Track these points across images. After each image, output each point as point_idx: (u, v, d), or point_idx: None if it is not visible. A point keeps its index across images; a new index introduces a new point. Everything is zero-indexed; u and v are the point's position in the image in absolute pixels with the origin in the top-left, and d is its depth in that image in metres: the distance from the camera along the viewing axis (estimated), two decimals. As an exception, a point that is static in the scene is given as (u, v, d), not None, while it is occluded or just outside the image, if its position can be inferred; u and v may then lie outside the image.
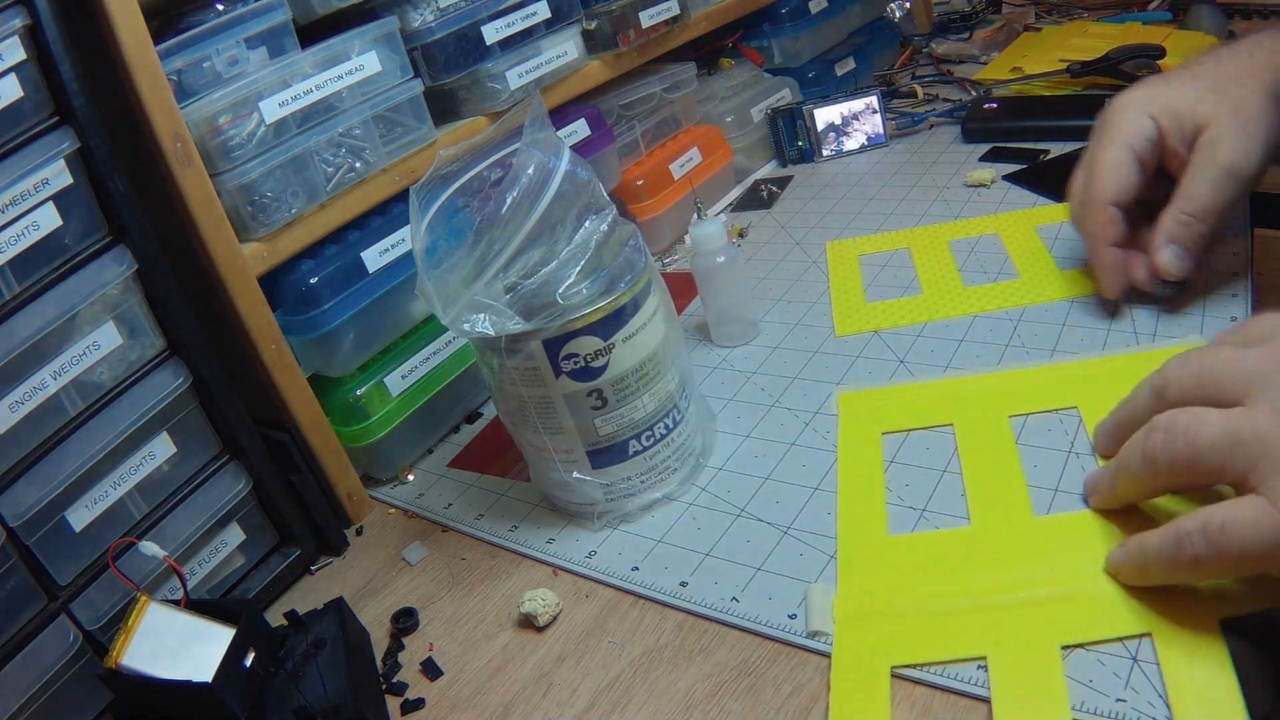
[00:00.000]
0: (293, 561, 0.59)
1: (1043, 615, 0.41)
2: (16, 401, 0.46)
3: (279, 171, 0.59)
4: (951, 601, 0.43)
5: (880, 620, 0.44)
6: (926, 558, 0.46)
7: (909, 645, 0.42)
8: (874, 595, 0.45)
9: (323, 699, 0.45)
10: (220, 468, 0.56)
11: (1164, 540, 0.38)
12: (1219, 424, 0.37)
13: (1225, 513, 0.36)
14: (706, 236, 0.66)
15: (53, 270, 0.48)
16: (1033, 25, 1.22)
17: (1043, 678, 0.38)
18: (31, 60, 0.47)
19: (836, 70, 1.09)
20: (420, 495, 0.65)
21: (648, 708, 0.44)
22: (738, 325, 0.70)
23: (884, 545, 0.48)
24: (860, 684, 0.41)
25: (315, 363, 0.63)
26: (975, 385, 0.57)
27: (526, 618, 0.50)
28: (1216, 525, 0.36)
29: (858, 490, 0.52)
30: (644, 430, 0.53)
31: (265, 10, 0.59)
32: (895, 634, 0.43)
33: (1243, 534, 0.35)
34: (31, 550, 0.47)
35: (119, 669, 0.43)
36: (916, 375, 0.60)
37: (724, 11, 0.96)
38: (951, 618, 0.42)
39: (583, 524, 0.56)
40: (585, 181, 0.51)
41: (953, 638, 0.42)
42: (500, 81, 0.72)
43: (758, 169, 1.03)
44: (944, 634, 0.42)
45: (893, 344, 0.64)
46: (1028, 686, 0.38)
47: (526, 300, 0.49)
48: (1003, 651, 0.40)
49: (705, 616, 0.48)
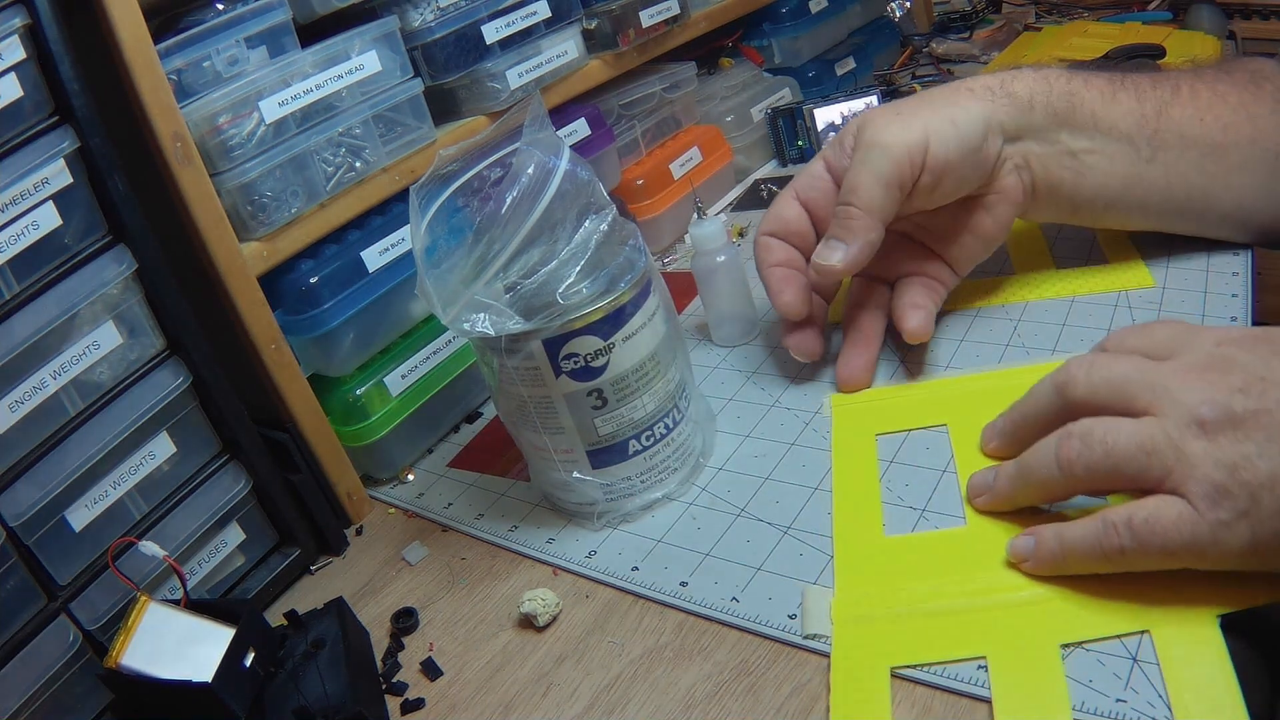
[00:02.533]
0: (293, 561, 0.59)
1: (1040, 614, 0.41)
2: (16, 401, 0.46)
3: (279, 171, 0.59)
4: (950, 602, 0.43)
5: (879, 622, 0.43)
6: (923, 558, 0.46)
7: (908, 646, 0.42)
8: (872, 597, 0.45)
9: (323, 699, 0.45)
10: (220, 468, 0.56)
11: (1088, 531, 0.40)
12: (1134, 434, 0.39)
13: (1150, 509, 0.38)
14: (706, 236, 0.66)
15: (53, 270, 0.48)
16: (1033, 25, 1.22)
17: (1043, 677, 0.38)
18: (31, 60, 0.47)
19: (836, 70, 1.09)
20: (420, 495, 0.65)
21: (648, 708, 0.44)
22: (738, 325, 0.70)
23: (881, 547, 0.48)
24: (860, 686, 0.41)
25: (315, 363, 0.63)
26: (968, 385, 0.57)
27: (526, 618, 0.50)
28: (1141, 520, 0.38)
29: (853, 492, 0.52)
30: (644, 430, 0.53)
31: (265, 10, 0.59)
32: (894, 635, 0.43)
33: (1166, 530, 0.37)
34: (31, 550, 0.47)
35: (119, 669, 0.43)
36: (916, 376, 0.60)
37: (724, 11, 0.96)
38: (950, 618, 0.42)
39: (583, 524, 0.56)
40: (585, 181, 0.51)
41: (952, 638, 0.41)
42: (500, 81, 0.72)
43: (758, 169, 1.03)
44: (943, 634, 0.42)
45: (891, 343, 0.64)
46: (1028, 686, 0.38)
47: (526, 300, 0.49)
48: (1002, 651, 0.40)
49: (705, 616, 0.48)
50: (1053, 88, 0.56)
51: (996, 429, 0.49)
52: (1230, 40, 1.09)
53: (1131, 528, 0.38)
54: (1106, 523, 0.39)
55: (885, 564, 0.47)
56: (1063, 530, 0.41)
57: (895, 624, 0.43)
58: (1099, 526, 0.39)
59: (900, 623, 0.43)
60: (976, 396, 0.56)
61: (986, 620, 0.42)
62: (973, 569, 0.44)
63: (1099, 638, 0.40)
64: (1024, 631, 0.40)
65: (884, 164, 0.54)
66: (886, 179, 0.54)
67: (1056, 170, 0.57)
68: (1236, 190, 0.57)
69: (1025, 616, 0.41)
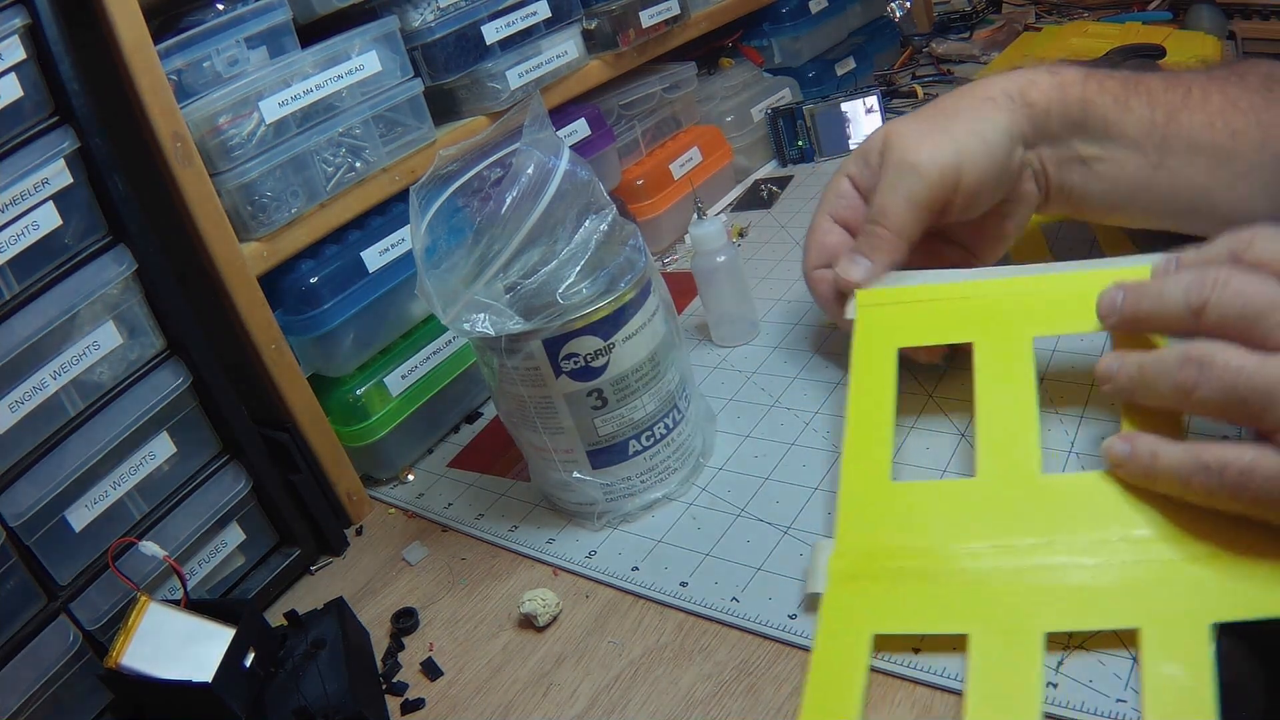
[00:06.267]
0: (293, 561, 0.59)
1: (1031, 595, 0.40)
2: (16, 401, 0.46)
3: (279, 171, 0.59)
4: (943, 566, 0.43)
5: (870, 580, 0.43)
6: (926, 513, 0.46)
7: (894, 613, 0.42)
8: (869, 554, 0.45)
9: (323, 699, 0.45)
10: (220, 468, 0.56)
11: (1181, 464, 0.39)
12: (1257, 375, 0.37)
13: (1250, 459, 0.37)
14: (706, 236, 0.66)
15: (53, 270, 0.48)
16: (1033, 25, 1.22)
17: (1020, 667, 0.38)
18: (31, 60, 0.47)
19: (836, 70, 1.09)
20: (420, 495, 0.65)
21: (648, 708, 0.44)
22: (738, 325, 0.70)
23: (886, 493, 0.47)
24: (842, 649, 0.41)
25: (315, 363, 0.63)
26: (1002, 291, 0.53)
27: (526, 618, 0.50)
28: (1237, 471, 0.37)
29: (867, 420, 0.50)
30: (644, 430, 0.53)
31: (265, 10, 0.59)
32: (882, 599, 0.43)
33: (1260, 484, 0.37)
34: (31, 550, 0.47)
35: (119, 669, 0.43)
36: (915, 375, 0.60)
37: (724, 11, 0.96)
38: (940, 587, 0.42)
39: (583, 524, 0.56)
40: (585, 181, 0.51)
41: (939, 610, 0.41)
42: (500, 81, 0.72)
43: (758, 169, 1.03)
44: (931, 604, 0.42)
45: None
46: (1004, 675, 0.38)
47: (526, 300, 0.49)
48: (985, 632, 0.40)
49: (705, 616, 0.48)
50: (1068, 95, 0.56)
51: (1117, 309, 0.45)
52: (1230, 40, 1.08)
53: (1224, 475, 0.37)
54: (1200, 462, 0.38)
55: (888, 514, 0.46)
56: (1158, 451, 0.40)
57: (885, 584, 0.43)
58: (1194, 464, 0.39)
59: (891, 586, 0.43)
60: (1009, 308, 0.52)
61: (976, 594, 0.41)
62: (973, 526, 0.44)
63: (1085, 630, 0.39)
64: (1011, 612, 0.40)
65: (918, 188, 0.54)
66: (919, 203, 0.54)
67: (1068, 174, 0.57)
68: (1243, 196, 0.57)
69: (1014, 593, 0.41)
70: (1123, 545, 0.41)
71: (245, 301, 0.57)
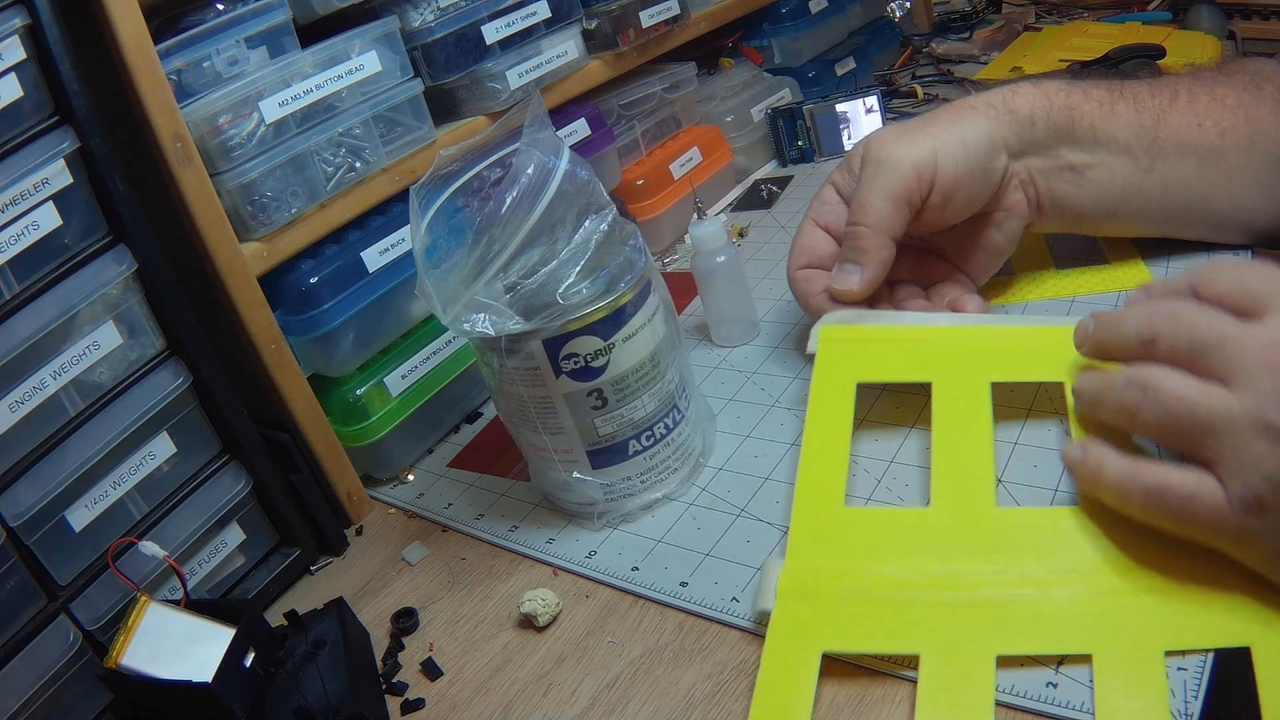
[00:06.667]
0: (293, 561, 0.59)
1: (983, 618, 0.40)
2: (16, 401, 0.46)
3: (279, 171, 0.59)
4: (894, 591, 0.43)
5: (821, 600, 0.43)
6: (878, 538, 0.46)
7: (844, 633, 0.42)
8: (819, 574, 0.45)
9: (323, 699, 0.45)
10: (220, 468, 0.56)
11: (1122, 479, 0.40)
12: (1199, 405, 0.37)
13: (1190, 488, 0.37)
14: (706, 236, 0.66)
15: (53, 270, 0.48)
16: (1033, 25, 1.22)
17: (971, 688, 0.38)
18: (31, 60, 0.47)
19: (836, 70, 1.09)
20: (420, 495, 0.65)
21: (648, 708, 0.44)
22: (738, 325, 0.70)
23: (839, 517, 0.47)
24: (790, 665, 0.41)
25: (315, 363, 0.63)
26: (961, 338, 0.54)
27: (526, 618, 0.50)
28: (1176, 497, 0.38)
29: (822, 450, 0.51)
30: (644, 430, 0.53)
31: (265, 10, 0.59)
32: (833, 618, 0.42)
33: (1196, 514, 0.37)
34: (31, 550, 0.47)
35: (119, 669, 0.43)
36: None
37: (724, 11, 0.96)
38: (891, 608, 0.42)
39: (583, 524, 0.56)
40: (585, 181, 0.51)
41: (889, 630, 0.41)
42: (500, 81, 0.72)
43: (758, 169, 1.03)
44: (881, 625, 0.42)
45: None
46: (955, 695, 0.38)
47: (526, 300, 0.49)
48: (936, 652, 0.40)
49: (705, 616, 0.48)
50: (1052, 103, 0.56)
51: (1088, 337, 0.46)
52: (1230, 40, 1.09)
53: (1165, 499, 0.38)
54: (1140, 481, 0.39)
55: (840, 537, 0.46)
56: (1104, 461, 0.41)
57: (836, 606, 0.43)
58: (1133, 482, 0.39)
59: (842, 605, 0.43)
60: (968, 353, 0.53)
61: (927, 617, 0.41)
62: (925, 557, 0.44)
63: (1036, 654, 0.39)
64: (962, 634, 0.40)
65: (892, 180, 0.54)
66: (894, 195, 0.54)
67: (1058, 184, 0.57)
68: (1235, 194, 0.57)
69: (966, 618, 0.41)
70: (1074, 575, 0.41)
71: (245, 301, 0.57)
